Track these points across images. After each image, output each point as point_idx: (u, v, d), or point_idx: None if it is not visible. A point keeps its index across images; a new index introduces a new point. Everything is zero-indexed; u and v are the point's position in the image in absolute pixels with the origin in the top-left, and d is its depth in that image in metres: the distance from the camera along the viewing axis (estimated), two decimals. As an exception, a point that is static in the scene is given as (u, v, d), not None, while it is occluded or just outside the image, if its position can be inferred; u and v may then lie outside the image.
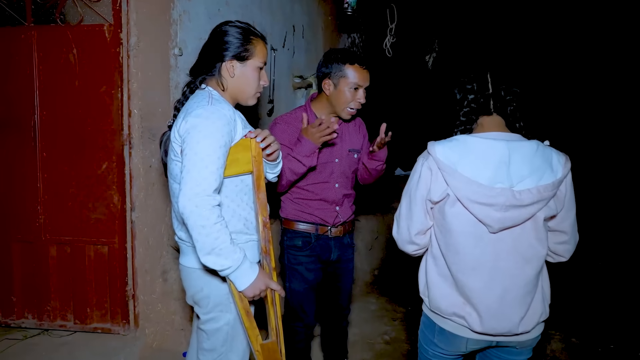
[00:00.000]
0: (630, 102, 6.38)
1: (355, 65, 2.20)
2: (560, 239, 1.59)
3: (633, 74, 6.27)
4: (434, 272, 1.62)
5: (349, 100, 2.23)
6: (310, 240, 2.32)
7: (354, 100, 2.23)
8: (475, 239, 1.50)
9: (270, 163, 1.75)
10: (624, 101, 6.41)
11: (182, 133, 1.53)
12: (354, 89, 2.21)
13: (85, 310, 2.52)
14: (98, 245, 2.48)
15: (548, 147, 1.52)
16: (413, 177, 1.58)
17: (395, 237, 1.67)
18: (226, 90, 1.68)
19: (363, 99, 2.25)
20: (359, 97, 2.23)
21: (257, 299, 1.58)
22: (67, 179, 2.45)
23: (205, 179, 1.46)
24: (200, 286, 1.65)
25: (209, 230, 1.44)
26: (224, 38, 1.66)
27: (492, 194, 1.44)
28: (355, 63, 2.20)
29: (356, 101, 2.24)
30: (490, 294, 1.51)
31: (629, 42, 6.20)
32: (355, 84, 2.20)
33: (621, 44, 6.28)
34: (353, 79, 2.20)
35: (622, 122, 6.43)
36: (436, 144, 1.53)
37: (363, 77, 2.21)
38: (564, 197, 1.51)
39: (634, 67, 6.25)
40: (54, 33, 2.40)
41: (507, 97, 1.56)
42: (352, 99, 2.23)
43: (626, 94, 6.38)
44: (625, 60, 6.30)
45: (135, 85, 2.41)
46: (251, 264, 1.54)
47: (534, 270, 1.51)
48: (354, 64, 2.20)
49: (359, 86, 2.22)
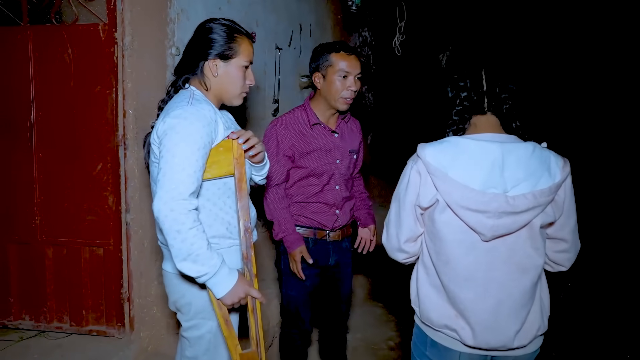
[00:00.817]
0: (636, 100, 6.07)
1: (341, 53, 2.15)
2: (560, 247, 1.49)
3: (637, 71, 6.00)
4: (425, 282, 1.53)
5: (340, 90, 2.17)
6: (308, 245, 2.25)
7: (345, 88, 2.17)
8: (467, 248, 1.41)
9: (256, 165, 1.69)
10: (630, 100, 6.07)
11: (160, 134, 1.48)
12: (342, 77, 2.15)
13: (81, 312, 2.50)
14: (93, 247, 2.45)
15: (546, 149, 1.43)
16: (402, 181, 1.50)
17: (385, 244, 1.59)
18: (210, 90, 1.62)
19: (354, 86, 2.18)
20: (350, 84, 2.17)
21: (237, 307, 1.52)
22: (63, 180, 2.43)
23: (181, 182, 1.40)
24: (181, 292, 1.59)
25: (184, 235, 1.39)
26: (207, 36, 1.61)
27: (484, 199, 1.35)
28: (341, 50, 2.16)
29: (348, 89, 2.17)
30: (483, 306, 1.42)
31: (632, 37, 5.94)
32: (343, 71, 2.14)
33: (624, 39, 6.01)
34: (340, 66, 2.14)
35: (627, 121, 6.09)
36: (426, 146, 1.45)
37: (350, 63, 2.15)
38: (563, 202, 1.41)
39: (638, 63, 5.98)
40: (49, 33, 2.38)
41: (503, 94, 1.46)
42: (342, 88, 2.17)
43: (632, 92, 6.06)
44: (630, 57, 6.03)
45: (130, 85, 2.38)
46: (230, 270, 1.48)
47: (530, 280, 1.42)
48: (339, 52, 2.15)
49: (347, 73, 2.15)
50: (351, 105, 2.24)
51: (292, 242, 2.19)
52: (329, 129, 2.26)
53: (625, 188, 5.85)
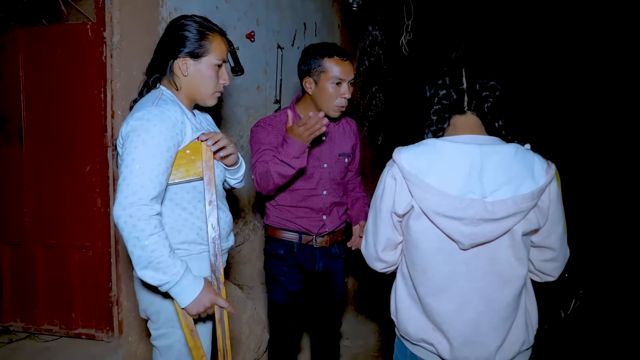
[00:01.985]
0: (628, 98, 5.69)
1: (335, 58, 2.04)
2: (546, 256, 1.38)
3: (630, 66, 5.64)
4: (403, 292, 1.45)
5: (334, 97, 2.06)
6: (293, 249, 2.18)
7: (338, 96, 2.06)
8: (445, 257, 1.32)
9: (230, 168, 1.62)
10: (622, 98, 5.72)
11: (123, 137, 1.43)
12: (336, 84, 2.05)
13: (71, 315, 2.47)
14: (83, 249, 2.43)
15: (529, 151, 1.32)
16: (378, 188, 1.41)
17: (363, 253, 1.51)
18: (180, 90, 1.57)
19: (348, 93, 2.07)
20: (343, 92, 2.06)
21: (204, 316, 1.46)
22: (52, 181, 2.41)
23: (141, 186, 1.35)
24: (150, 300, 1.54)
25: (144, 242, 1.33)
26: (178, 33, 1.55)
27: (461, 206, 1.26)
28: (335, 55, 2.04)
29: (341, 97, 2.07)
30: (462, 318, 1.33)
31: (624, 33, 5.64)
32: (337, 78, 2.04)
33: (616, 35, 5.70)
34: (334, 72, 2.04)
35: (620, 121, 5.73)
36: (402, 149, 1.36)
37: (345, 69, 2.05)
38: (548, 208, 1.30)
39: (630, 59, 5.63)
40: (39, 33, 2.36)
41: (484, 92, 1.37)
42: (336, 95, 2.06)
43: (624, 89, 5.71)
44: (623, 53, 5.69)
45: (119, 85, 2.34)
46: (195, 278, 1.42)
47: (513, 292, 1.32)
48: (333, 57, 2.04)
49: (341, 80, 2.05)
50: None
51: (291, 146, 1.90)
52: None
53: (623, 190, 5.53)
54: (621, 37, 5.68)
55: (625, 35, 5.64)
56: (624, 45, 5.69)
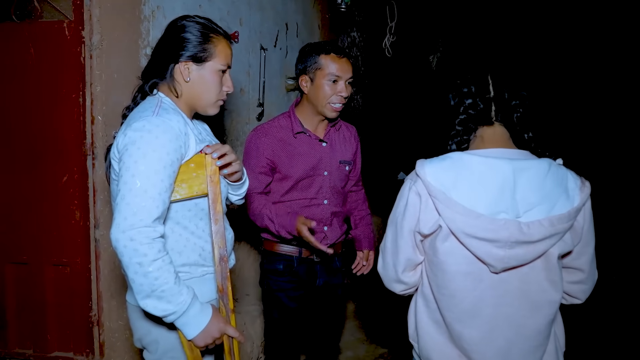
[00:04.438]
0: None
1: (332, 55, 1.96)
2: (575, 278, 1.32)
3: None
4: (424, 315, 1.35)
5: (329, 95, 1.98)
6: (293, 264, 2.07)
7: (334, 94, 1.98)
8: (474, 281, 1.23)
9: (234, 184, 1.49)
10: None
11: (120, 149, 1.28)
12: (332, 82, 1.97)
13: (46, 337, 2.28)
14: (59, 265, 2.24)
15: (562, 167, 1.25)
16: (399, 204, 1.32)
17: (381, 274, 1.41)
18: (180, 97, 1.43)
19: (345, 92, 2.00)
20: (340, 90, 1.98)
21: (212, 347, 1.33)
22: (23, 192, 2.21)
23: (143, 207, 1.21)
24: (147, 328, 1.40)
25: (146, 268, 1.19)
26: (179, 35, 1.42)
27: (494, 227, 1.17)
28: (331, 52, 1.97)
29: (337, 95, 1.99)
30: (492, 346, 1.25)
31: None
32: (333, 75, 1.96)
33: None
34: (330, 69, 1.96)
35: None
36: (426, 163, 1.27)
37: (341, 67, 1.97)
38: (582, 229, 1.24)
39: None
40: (9, 31, 2.16)
41: (513, 101, 1.29)
42: (332, 93, 1.98)
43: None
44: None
45: (99, 88, 2.17)
46: (202, 307, 1.29)
47: (545, 318, 1.24)
48: (329, 54, 1.96)
49: (337, 77, 1.97)
50: (341, 112, 2.06)
51: (289, 224, 1.94)
52: (315, 138, 2.08)
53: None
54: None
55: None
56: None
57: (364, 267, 2.25)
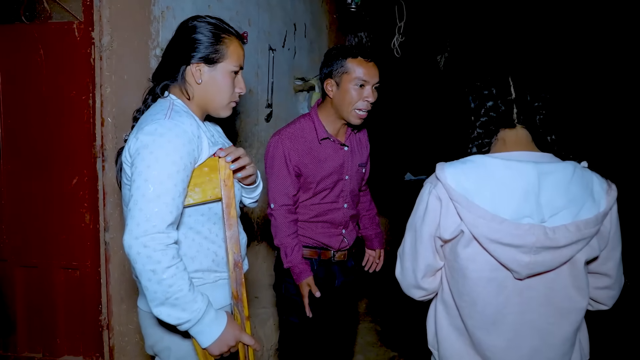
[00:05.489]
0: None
1: (359, 59, 1.90)
2: (601, 284, 1.28)
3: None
4: (444, 321, 1.32)
5: (355, 100, 1.92)
6: (313, 267, 2.04)
7: (361, 99, 1.92)
8: (497, 287, 1.20)
9: (247, 187, 1.46)
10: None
11: (132, 153, 1.25)
12: (359, 86, 1.91)
13: (55, 341, 2.26)
14: (69, 268, 2.22)
15: (587, 170, 1.21)
16: (418, 208, 1.28)
17: (399, 279, 1.37)
18: (192, 100, 1.40)
19: (372, 97, 1.93)
20: (367, 95, 1.92)
21: (226, 356, 1.30)
22: (34, 194, 2.20)
23: (156, 212, 1.18)
24: (159, 335, 1.37)
25: (160, 275, 1.16)
26: (191, 36, 1.39)
27: (519, 232, 1.13)
28: (359, 56, 1.90)
29: (364, 100, 1.93)
30: (516, 355, 1.21)
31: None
32: (360, 79, 1.90)
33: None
34: (357, 74, 1.90)
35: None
36: (446, 166, 1.23)
37: (369, 71, 1.91)
38: (609, 233, 1.20)
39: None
40: (18, 32, 2.14)
41: (535, 103, 1.25)
42: (358, 98, 1.92)
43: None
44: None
45: (109, 90, 2.15)
46: (217, 314, 1.26)
47: (572, 325, 1.20)
48: (356, 57, 1.90)
49: (365, 82, 1.91)
50: (365, 119, 2.01)
51: (299, 273, 1.97)
52: (338, 143, 2.04)
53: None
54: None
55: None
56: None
57: (376, 264, 2.27)
